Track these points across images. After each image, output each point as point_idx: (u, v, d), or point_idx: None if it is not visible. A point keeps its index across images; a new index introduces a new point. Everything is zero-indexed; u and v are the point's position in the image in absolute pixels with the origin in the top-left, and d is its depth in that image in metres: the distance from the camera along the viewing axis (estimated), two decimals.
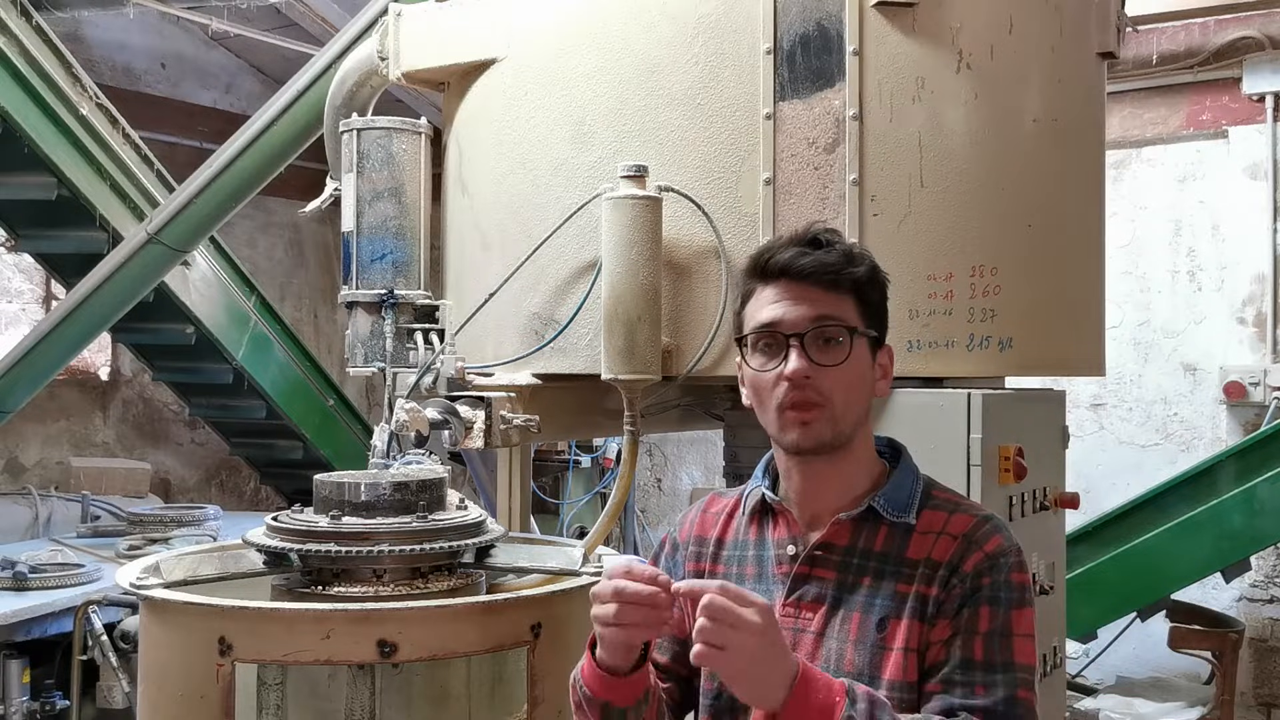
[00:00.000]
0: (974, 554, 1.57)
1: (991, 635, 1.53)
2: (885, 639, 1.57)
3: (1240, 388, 5.87)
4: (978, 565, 1.56)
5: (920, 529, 1.62)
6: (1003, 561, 1.57)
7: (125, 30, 7.07)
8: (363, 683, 2.15)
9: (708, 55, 2.79)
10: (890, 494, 1.64)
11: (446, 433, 2.69)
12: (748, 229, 2.76)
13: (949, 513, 1.63)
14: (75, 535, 5.31)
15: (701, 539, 1.80)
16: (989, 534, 1.59)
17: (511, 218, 3.02)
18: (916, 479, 1.68)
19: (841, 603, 1.62)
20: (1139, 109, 6.21)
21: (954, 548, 1.58)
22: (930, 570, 1.58)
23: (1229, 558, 4.90)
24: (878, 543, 1.63)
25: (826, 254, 1.62)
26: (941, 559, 1.58)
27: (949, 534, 1.60)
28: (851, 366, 1.60)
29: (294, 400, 6.77)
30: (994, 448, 2.63)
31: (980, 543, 1.58)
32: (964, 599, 1.55)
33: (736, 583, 1.67)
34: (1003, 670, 1.52)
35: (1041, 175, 2.90)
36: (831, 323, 1.60)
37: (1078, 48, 3.01)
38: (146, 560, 2.31)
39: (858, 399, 1.62)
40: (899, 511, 1.63)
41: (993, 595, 1.55)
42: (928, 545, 1.60)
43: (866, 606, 1.60)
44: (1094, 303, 3.16)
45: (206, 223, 4.99)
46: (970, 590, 1.55)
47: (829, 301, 1.60)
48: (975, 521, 1.61)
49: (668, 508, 8.11)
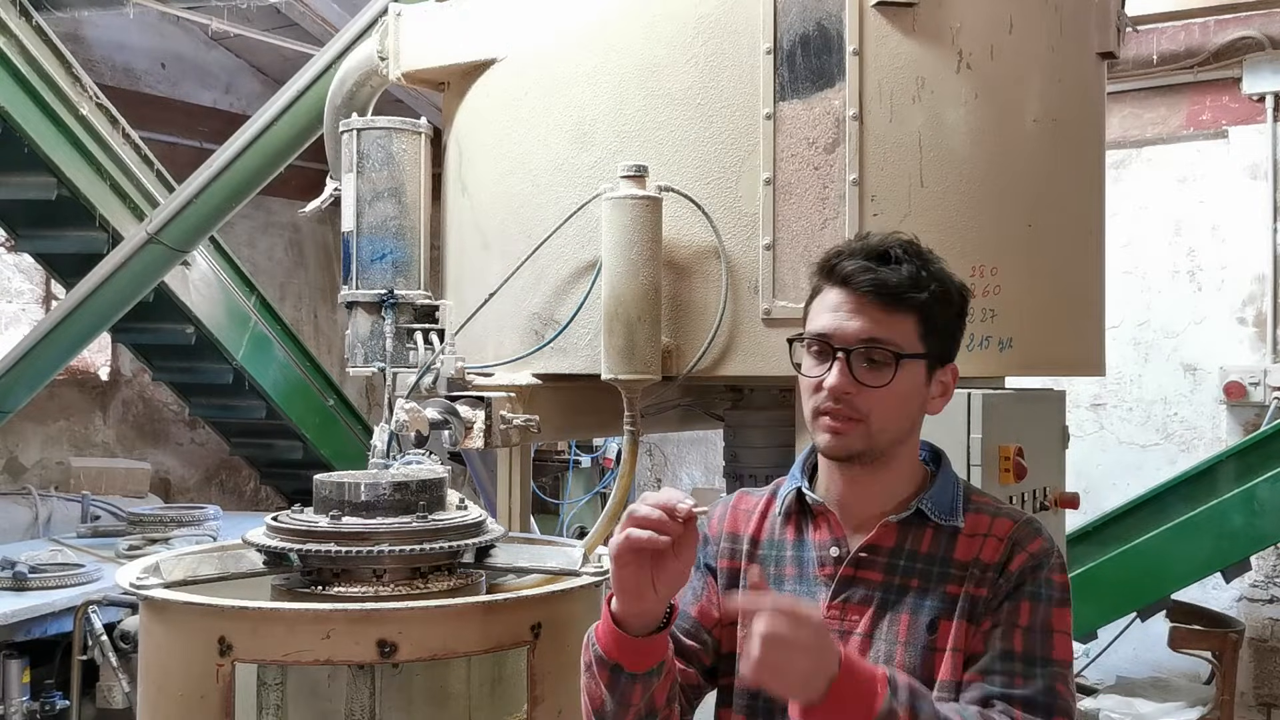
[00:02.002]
0: (1019, 554, 1.60)
1: (1032, 630, 1.56)
2: (936, 640, 1.59)
3: (1240, 388, 5.87)
4: (1022, 565, 1.59)
5: (967, 531, 1.64)
6: (1045, 561, 1.60)
7: (125, 30, 7.07)
8: (363, 683, 2.15)
9: (708, 55, 2.79)
10: (936, 497, 1.66)
11: (446, 433, 2.69)
12: (748, 229, 2.76)
13: (991, 516, 1.65)
14: (75, 535, 5.31)
15: (734, 535, 1.79)
16: (1031, 536, 1.62)
17: (511, 218, 3.02)
18: (957, 483, 1.70)
19: (889, 605, 1.62)
20: (1139, 109, 6.21)
21: (1001, 549, 1.61)
22: (980, 571, 1.60)
23: (1229, 558, 4.90)
24: (924, 545, 1.64)
25: (891, 273, 1.59)
26: (990, 560, 1.61)
27: (995, 536, 1.62)
28: (894, 388, 1.59)
29: (294, 400, 6.77)
30: (994, 448, 2.63)
31: (1024, 544, 1.61)
32: (1006, 595, 1.58)
33: (775, 584, 1.71)
34: (1042, 664, 1.54)
35: (1041, 175, 2.90)
36: (879, 346, 1.58)
37: (1078, 48, 3.01)
38: (146, 560, 2.31)
39: (898, 418, 1.62)
40: (945, 514, 1.65)
41: (1034, 592, 1.57)
42: (975, 547, 1.62)
43: (915, 608, 1.61)
44: (1094, 303, 3.16)
45: (206, 223, 5.00)
46: (1013, 586, 1.58)
47: (886, 322, 1.59)
48: (1018, 525, 1.64)
49: None
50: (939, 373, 1.66)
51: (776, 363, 2.72)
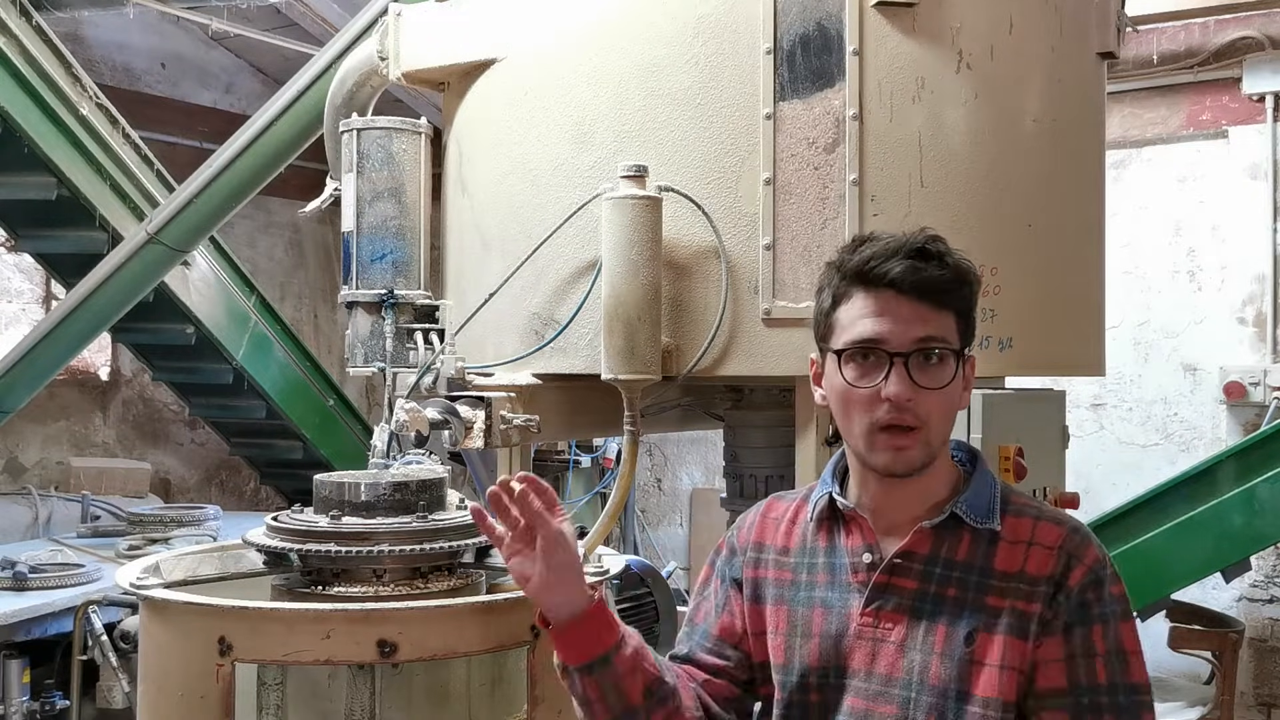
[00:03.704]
0: (1076, 568, 1.53)
1: (1110, 656, 1.51)
2: (974, 653, 1.53)
3: (1240, 388, 5.87)
4: (1082, 580, 1.53)
5: (1007, 537, 1.57)
6: (1103, 574, 1.54)
7: (125, 30, 7.07)
8: (363, 683, 2.15)
9: (708, 55, 2.79)
10: (972, 499, 1.59)
11: (446, 433, 2.68)
12: (748, 229, 2.76)
13: (1034, 520, 1.59)
14: (75, 535, 5.31)
15: (760, 545, 1.76)
16: (1083, 545, 1.56)
17: (511, 218, 3.02)
18: (994, 484, 1.64)
19: (924, 613, 1.57)
20: (1139, 109, 6.21)
21: (1052, 561, 1.54)
22: (1029, 585, 1.53)
23: (1229, 558, 4.89)
24: (960, 551, 1.58)
25: (939, 271, 1.55)
26: (1040, 573, 1.53)
27: (1041, 545, 1.55)
28: (952, 389, 1.56)
29: (294, 400, 6.77)
30: (994, 448, 2.64)
31: (1080, 555, 1.55)
32: (1072, 616, 1.52)
33: (806, 591, 1.68)
34: (1125, 693, 1.50)
35: (1041, 175, 2.90)
36: (936, 344, 1.53)
37: (1078, 48, 3.02)
38: (146, 560, 2.31)
39: (951, 420, 1.59)
40: (982, 518, 1.58)
41: (1100, 613, 1.52)
42: (1019, 557, 1.55)
43: (953, 618, 1.55)
44: (1094, 303, 3.16)
45: (206, 223, 4.99)
46: (1077, 606, 1.52)
47: (934, 320, 1.54)
48: (1065, 532, 1.57)
49: (668, 508, 8.12)
50: (966, 363, 1.60)
51: (777, 363, 2.72)
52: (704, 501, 7.83)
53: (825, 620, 1.65)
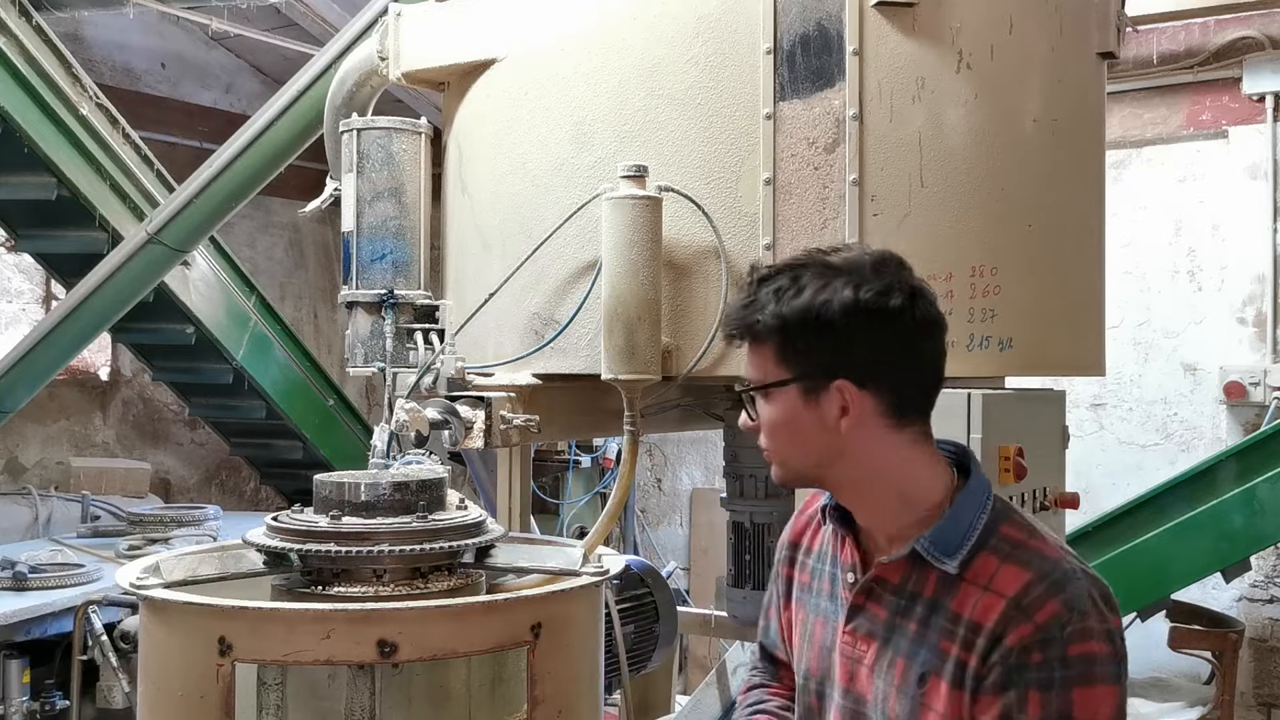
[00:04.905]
0: (1019, 625, 1.40)
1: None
2: (925, 695, 1.48)
3: (1240, 388, 5.87)
4: (1024, 641, 1.39)
5: (969, 577, 1.47)
6: (1057, 635, 1.38)
7: (125, 30, 7.07)
8: (363, 683, 2.15)
9: (708, 55, 2.79)
10: (940, 531, 1.51)
11: (446, 433, 2.68)
12: (748, 229, 2.76)
13: (1001, 560, 1.46)
14: (75, 535, 5.31)
15: (794, 544, 1.80)
16: (1043, 598, 1.41)
17: (511, 218, 3.02)
18: (981, 510, 1.52)
19: (890, 643, 1.54)
20: (1139, 109, 6.21)
21: (996, 613, 1.42)
22: (971, 634, 1.44)
23: (1229, 558, 4.90)
24: (928, 586, 1.52)
25: (734, 309, 1.57)
26: (982, 623, 1.43)
27: (994, 591, 1.44)
28: (771, 418, 1.56)
29: (294, 400, 6.78)
30: (994, 448, 2.63)
31: (1030, 611, 1.40)
32: (1008, 677, 1.39)
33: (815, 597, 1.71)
34: None
35: (1041, 175, 2.90)
36: (742, 386, 1.60)
37: (1078, 48, 3.01)
38: (146, 560, 2.30)
39: (793, 447, 1.57)
40: (943, 555, 1.49)
41: (1043, 678, 1.38)
42: (971, 600, 1.45)
43: (911, 654, 1.51)
44: (1094, 303, 3.16)
45: (206, 223, 5.00)
46: (1016, 667, 1.39)
47: (753, 359, 1.57)
48: (1029, 581, 1.42)
49: (668, 508, 8.12)
50: (827, 394, 1.51)
51: None
52: (704, 501, 7.83)
53: (822, 631, 1.67)
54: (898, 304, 1.50)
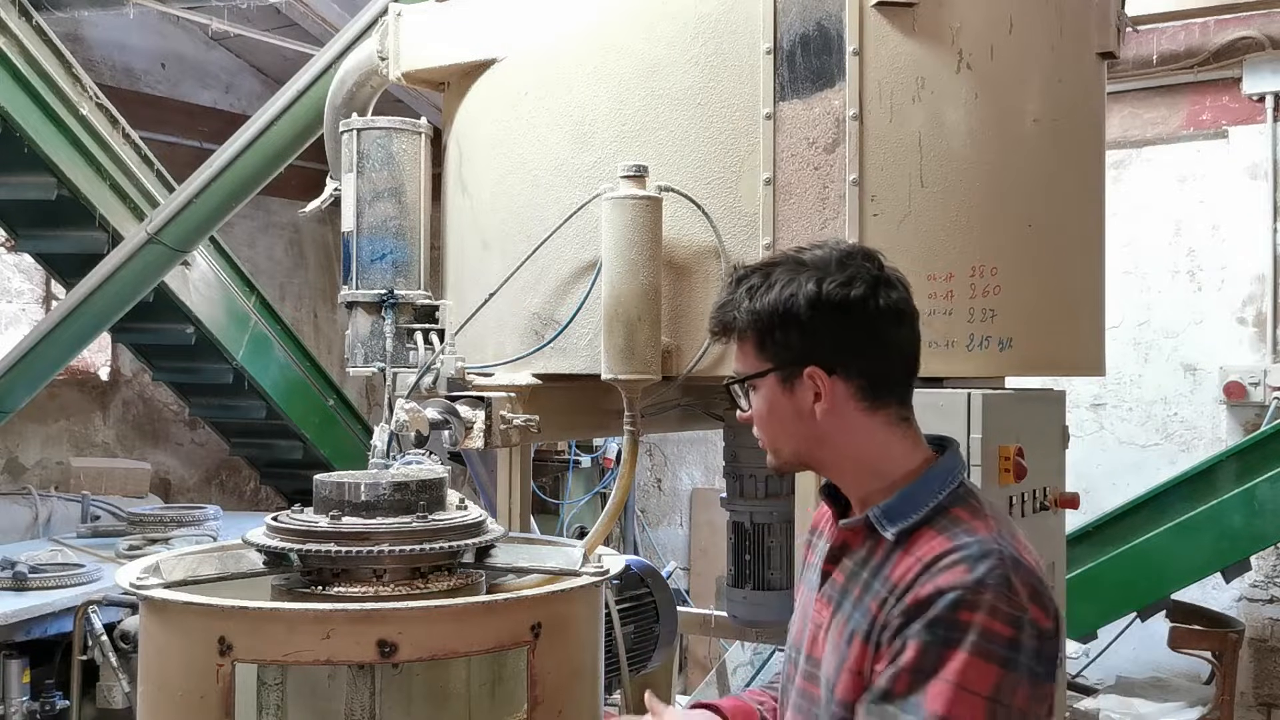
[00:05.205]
0: (925, 584, 1.48)
1: (915, 673, 1.44)
2: (849, 653, 1.56)
3: (1240, 388, 5.88)
4: (922, 597, 1.47)
5: (908, 548, 1.55)
6: (952, 598, 1.44)
7: (125, 30, 7.07)
8: (363, 683, 2.15)
9: (708, 55, 2.79)
10: (892, 505, 1.60)
11: (446, 433, 2.68)
12: (748, 229, 2.76)
13: (937, 533, 1.54)
14: (75, 535, 5.31)
15: (813, 529, 1.89)
16: (952, 564, 1.48)
17: (511, 218, 3.02)
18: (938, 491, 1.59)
19: (841, 608, 1.63)
20: (1139, 109, 6.22)
21: (911, 574, 1.50)
22: (887, 593, 1.53)
23: (1229, 558, 4.90)
24: (877, 554, 1.60)
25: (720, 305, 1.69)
26: (898, 582, 1.52)
27: (916, 557, 1.52)
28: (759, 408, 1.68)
29: (294, 400, 6.78)
30: (994, 448, 2.63)
31: (936, 574, 1.48)
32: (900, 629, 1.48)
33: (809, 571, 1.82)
34: (911, 711, 1.43)
35: (1041, 175, 2.90)
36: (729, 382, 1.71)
37: (1078, 48, 3.01)
38: (146, 560, 2.30)
39: (782, 435, 1.68)
40: (888, 523, 1.58)
41: (931, 631, 1.44)
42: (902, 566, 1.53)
43: (848, 617, 1.60)
44: (1094, 303, 3.16)
45: (206, 223, 5.00)
46: (907, 621, 1.47)
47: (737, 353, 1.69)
48: (946, 549, 1.50)
49: (668, 508, 8.12)
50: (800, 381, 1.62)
51: None
52: (704, 501, 7.83)
53: (806, 601, 1.78)
54: (859, 294, 1.60)
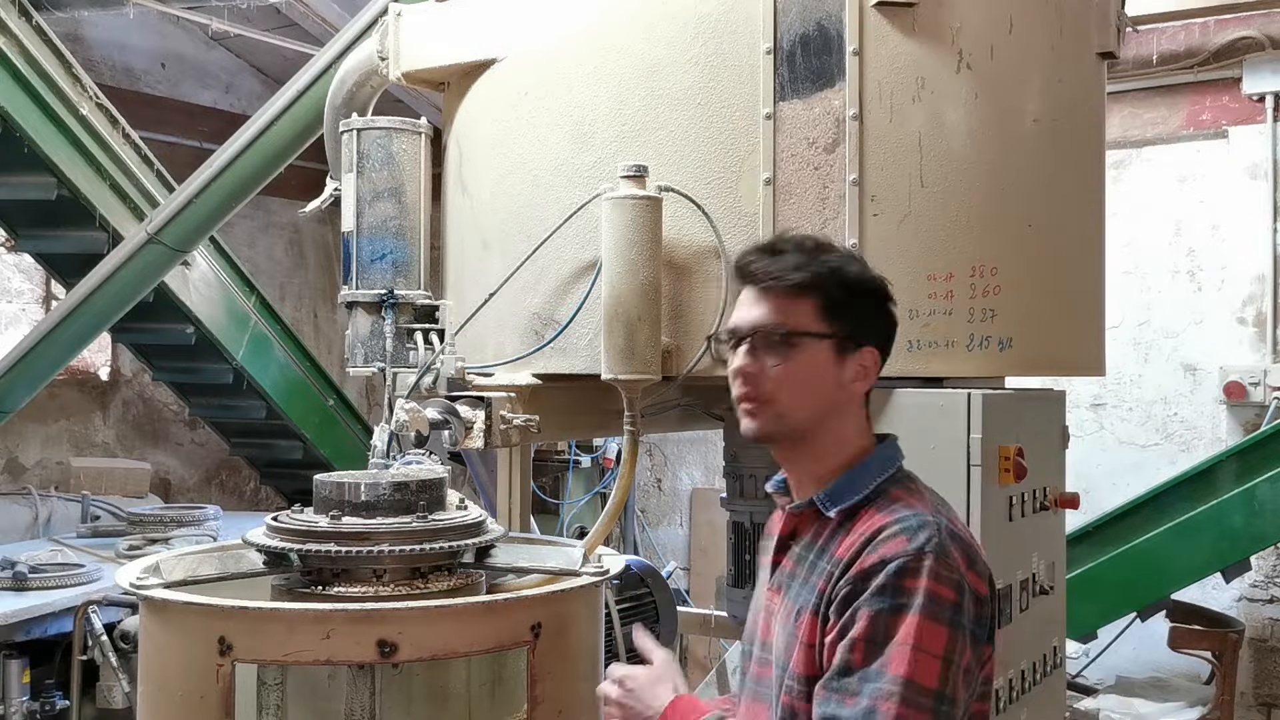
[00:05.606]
0: (868, 555, 1.54)
1: (871, 642, 1.49)
2: (798, 629, 1.61)
3: (1240, 388, 5.87)
4: (867, 567, 1.53)
5: (851, 527, 1.62)
6: (896, 566, 1.51)
7: (125, 30, 7.07)
8: (363, 683, 2.15)
9: (708, 55, 2.79)
10: (836, 487, 1.66)
11: (446, 433, 2.68)
12: (748, 229, 2.76)
13: (876, 511, 1.61)
14: (75, 535, 5.31)
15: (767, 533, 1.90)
16: (893, 535, 1.55)
17: (511, 218, 3.02)
18: (879, 474, 1.67)
19: (789, 591, 1.69)
20: (1139, 109, 6.21)
21: (854, 547, 1.57)
22: (833, 567, 1.59)
23: (1229, 558, 4.90)
24: (821, 536, 1.67)
25: (774, 260, 1.68)
26: (842, 556, 1.58)
27: (858, 532, 1.59)
28: (796, 367, 1.66)
29: (294, 400, 6.78)
30: (994, 448, 2.63)
31: (879, 545, 1.55)
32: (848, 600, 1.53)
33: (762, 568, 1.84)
34: (874, 678, 1.48)
35: (1042, 175, 2.90)
36: (770, 328, 1.66)
37: (1078, 48, 3.01)
38: (146, 560, 2.31)
39: (806, 398, 1.67)
40: (831, 504, 1.65)
41: (879, 599, 1.50)
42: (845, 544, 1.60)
43: (796, 596, 1.66)
44: (1094, 303, 3.16)
45: (206, 223, 5.00)
46: (855, 591, 1.53)
47: (784, 308, 1.66)
48: (886, 523, 1.57)
49: (668, 508, 8.12)
50: (855, 356, 1.68)
51: None
52: (704, 501, 7.83)
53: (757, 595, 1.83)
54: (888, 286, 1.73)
